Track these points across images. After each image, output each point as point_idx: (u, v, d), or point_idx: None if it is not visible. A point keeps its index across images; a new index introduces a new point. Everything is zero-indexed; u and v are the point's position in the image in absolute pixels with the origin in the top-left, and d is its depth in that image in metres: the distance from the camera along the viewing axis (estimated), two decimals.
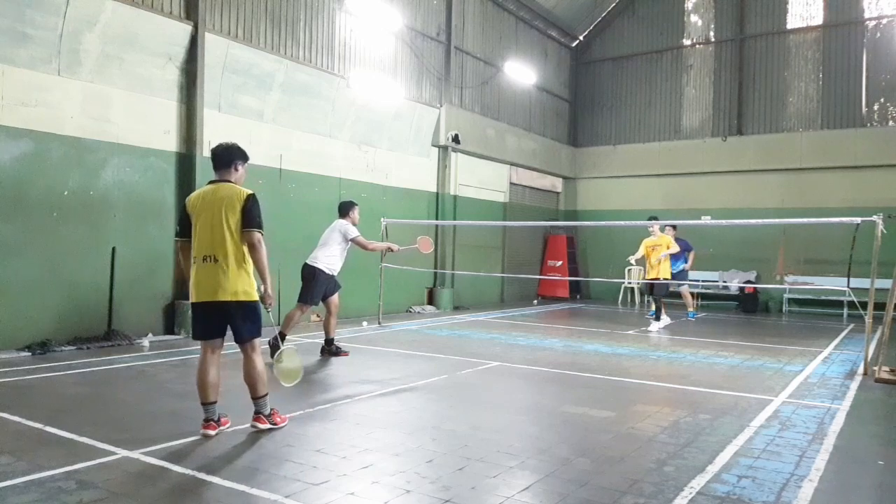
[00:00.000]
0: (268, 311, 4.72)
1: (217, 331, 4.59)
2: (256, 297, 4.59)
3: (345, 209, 8.04)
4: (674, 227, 12.14)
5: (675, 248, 11.51)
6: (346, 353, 7.91)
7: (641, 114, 18.44)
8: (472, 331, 10.73)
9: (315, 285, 7.62)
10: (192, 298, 4.54)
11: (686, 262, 12.99)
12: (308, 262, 7.74)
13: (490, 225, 15.58)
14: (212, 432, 4.45)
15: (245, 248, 4.56)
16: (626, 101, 18.71)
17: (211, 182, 4.65)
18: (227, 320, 4.57)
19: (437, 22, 14.12)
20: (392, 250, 8.39)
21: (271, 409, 4.74)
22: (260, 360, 4.67)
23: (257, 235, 4.53)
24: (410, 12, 13.25)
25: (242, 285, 4.53)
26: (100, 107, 8.37)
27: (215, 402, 4.54)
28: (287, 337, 7.48)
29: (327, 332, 7.91)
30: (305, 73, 10.89)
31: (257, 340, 4.69)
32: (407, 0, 13.13)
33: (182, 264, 4.74)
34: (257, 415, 4.67)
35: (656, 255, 11.40)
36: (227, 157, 4.64)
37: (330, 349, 7.90)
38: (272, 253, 11.38)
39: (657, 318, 11.58)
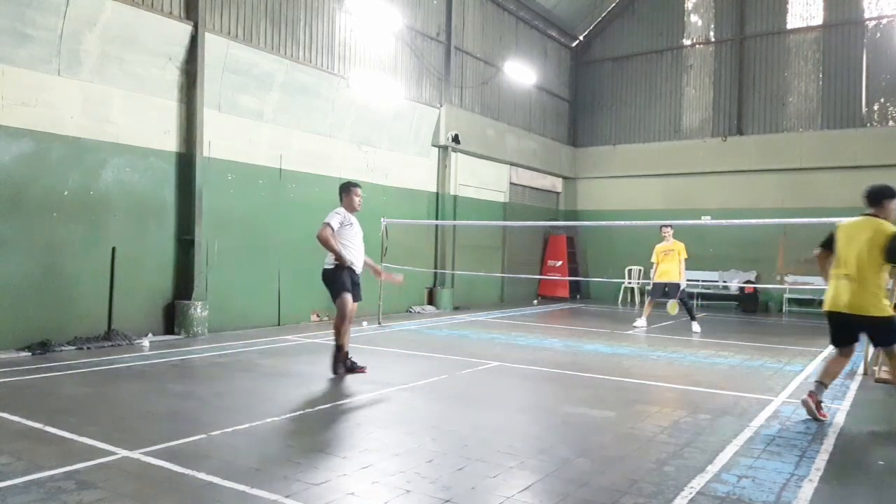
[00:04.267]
0: None
1: (847, 339, 5.43)
2: (889, 313, 5.21)
3: (339, 193, 6.97)
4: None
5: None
6: (362, 370, 6.73)
7: (641, 114, 18.44)
8: (472, 331, 10.73)
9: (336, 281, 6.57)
10: (826, 307, 5.45)
11: None
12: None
13: (490, 225, 15.58)
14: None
15: (880, 273, 5.22)
16: (626, 101, 18.71)
17: (863, 214, 5.37)
18: (858, 330, 5.39)
19: (437, 22, 14.12)
20: (342, 261, 6.52)
21: (820, 401, 5.33)
22: None
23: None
24: (410, 12, 13.25)
25: (872, 301, 5.17)
26: (100, 107, 8.37)
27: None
28: (344, 348, 6.60)
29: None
30: (305, 73, 10.89)
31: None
32: (407, 0, 13.13)
33: (820, 269, 5.71)
34: (811, 393, 5.37)
35: (669, 261, 11.30)
36: (874, 195, 5.37)
37: (345, 363, 6.72)
38: (271, 252, 11.34)
39: (693, 318, 11.35)
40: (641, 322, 11.62)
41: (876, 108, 15.43)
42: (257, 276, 10.31)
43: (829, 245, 5.50)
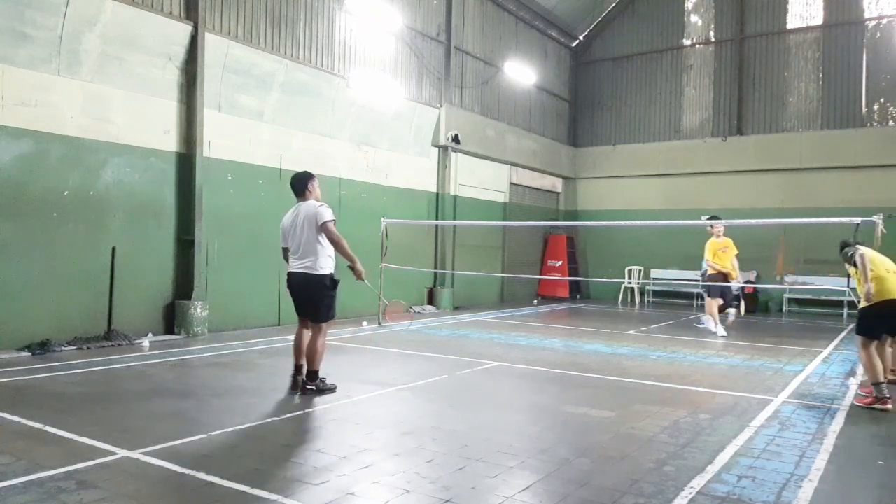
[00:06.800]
0: None
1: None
2: None
3: (304, 183, 6.18)
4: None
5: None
6: (332, 389, 5.86)
7: (641, 114, 18.44)
8: (472, 331, 10.73)
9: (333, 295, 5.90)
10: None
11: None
12: (312, 271, 5.92)
13: (490, 225, 15.58)
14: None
15: None
16: (626, 101, 18.71)
17: None
18: None
19: (437, 22, 14.12)
20: (356, 268, 5.93)
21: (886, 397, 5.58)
22: None
23: None
24: (410, 12, 13.25)
25: None
26: (100, 107, 8.37)
27: None
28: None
29: (310, 362, 5.81)
30: (305, 73, 10.89)
31: None
32: (407, 0, 13.13)
33: None
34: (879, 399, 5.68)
35: (726, 258, 10.93)
36: None
37: (315, 384, 5.79)
38: (271, 252, 11.30)
39: (702, 322, 11.20)
40: (721, 330, 10.57)
41: (876, 108, 15.43)
42: (257, 276, 10.30)
43: None
